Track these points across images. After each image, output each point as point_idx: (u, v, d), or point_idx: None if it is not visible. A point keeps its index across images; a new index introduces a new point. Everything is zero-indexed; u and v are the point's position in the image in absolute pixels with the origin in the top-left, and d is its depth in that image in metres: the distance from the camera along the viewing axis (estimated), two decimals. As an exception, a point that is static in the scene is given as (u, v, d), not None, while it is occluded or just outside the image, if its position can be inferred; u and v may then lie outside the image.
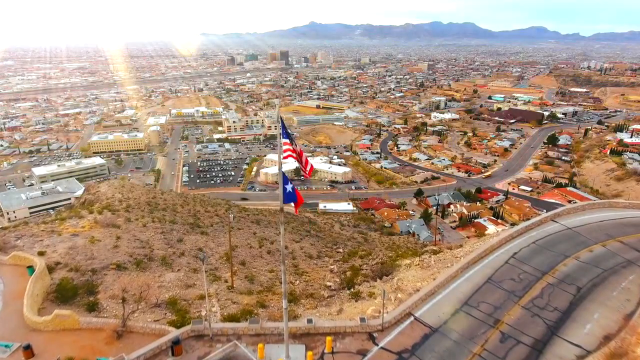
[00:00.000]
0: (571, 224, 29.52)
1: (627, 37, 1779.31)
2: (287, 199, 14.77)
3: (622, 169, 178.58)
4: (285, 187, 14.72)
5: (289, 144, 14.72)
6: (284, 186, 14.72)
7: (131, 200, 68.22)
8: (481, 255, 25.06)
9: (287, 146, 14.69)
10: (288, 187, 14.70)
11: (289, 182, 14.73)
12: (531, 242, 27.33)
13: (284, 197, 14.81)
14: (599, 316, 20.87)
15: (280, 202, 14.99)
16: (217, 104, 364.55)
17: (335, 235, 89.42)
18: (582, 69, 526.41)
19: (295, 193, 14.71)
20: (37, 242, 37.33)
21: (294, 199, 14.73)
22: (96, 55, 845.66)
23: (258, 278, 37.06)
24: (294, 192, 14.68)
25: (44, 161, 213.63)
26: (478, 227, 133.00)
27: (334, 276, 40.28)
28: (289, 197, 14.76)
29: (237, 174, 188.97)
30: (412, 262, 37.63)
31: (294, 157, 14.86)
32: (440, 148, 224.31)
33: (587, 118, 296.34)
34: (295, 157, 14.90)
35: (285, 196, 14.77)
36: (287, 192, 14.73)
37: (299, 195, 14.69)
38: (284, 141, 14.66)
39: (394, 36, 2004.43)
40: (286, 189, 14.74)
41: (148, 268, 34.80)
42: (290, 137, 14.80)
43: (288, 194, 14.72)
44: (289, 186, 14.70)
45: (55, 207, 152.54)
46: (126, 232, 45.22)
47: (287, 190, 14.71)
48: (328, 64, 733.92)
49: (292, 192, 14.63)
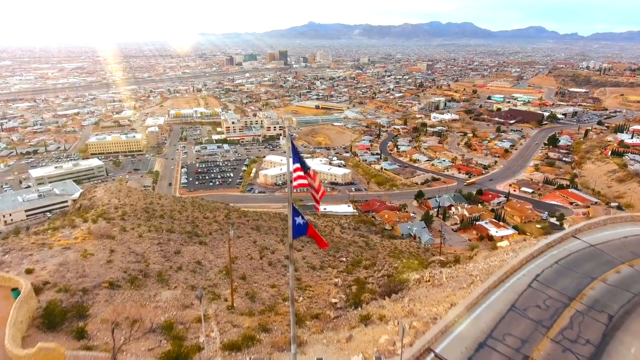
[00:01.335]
0: (594, 241, 27.78)
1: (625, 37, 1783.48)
2: (297, 232, 12.84)
3: (623, 171, 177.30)
4: (294, 219, 12.76)
5: (301, 170, 12.80)
6: (293, 218, 12.76)
7: (127, 207, 66.23)
8: (502, 278, 23.28)
9: (299, 172, 12.75)
10: (298, 219, 12.74)
11: (299, 215, 12.78)
12: (553, 262, 25.54)
13: (293, 230, 12.85)
14: (636, 351, 19.08)
15: (289, 237, 13.04)
16: (216, 105, 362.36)
17: (337, 239, 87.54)
18: (581, 69, 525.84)
19: (308, 227, 12.72)
20: (26, 257, 35.35)
21: (303, 231, 12.77)
22: (94, 56, 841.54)
23: (259, 295, 35.19)
24: (306, 226, 12.71)
25: (41, 162, 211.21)
26: (480, 229, 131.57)
27: (339, 291, 38.44)
28: (298, 230, 12.82)
29: (236, 176, 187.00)
30: (421, 276, 35.77)
31: (304, 185, 12.95)
32: (440, 149, 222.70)
33: (587, 118, 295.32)
34: (306, 185, 12.99)
35: (294, 229, 12.82)
36: (297, 224, 12.78)
37: (312, 229, 12.69)
38: (295, 166, 12.73)
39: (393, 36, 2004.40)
40: (296, 221, 12.78)
41: (143, 285, 32.88)
42: (302, 161, 12.87)
43: (298, 226, 12.76)
44: (300, 219, 12.73)
45: (52, 210, 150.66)
46: (121, 243, 43.25)
47: (297, 222, 12.75)
48: (327, 64, 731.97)
49: (303, 226, 12.66)
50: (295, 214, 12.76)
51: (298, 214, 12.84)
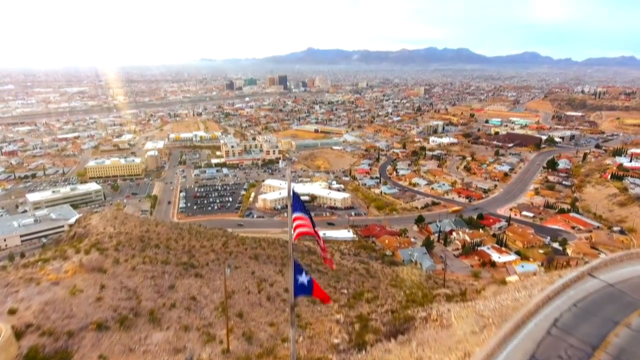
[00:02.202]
0: (612, 279, 26.31)
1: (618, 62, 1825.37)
2: (301, 292, 11.42)
3: (624, 194, 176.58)
4: (297, 277, 11.33)
5: (302, 219, 11.52)
6: (296, 277, 11.32)
7: (122, 236, 64.44)
8: (518, 324, 21.66)
9: (300, 221, 11.47)
10: (302, 278, 11.31)
11: (303, 272, 11.37)
12: (571, 304, 23.98)
13: (296, 290, 11.41)
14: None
15: (290, 297, 11.59)
16: (216, 128, 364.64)
17: (337, 267, 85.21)
18: (576, 93, 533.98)
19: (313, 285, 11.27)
20: (11, 295, 33.50)
21: (307, 292, 11.33)
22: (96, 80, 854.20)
23: (257, 335, 33.18)
24: (310, 285, 11.26)
25: (39, 187, 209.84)
26: (482, 255, 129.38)
27: (341, 329, 36.37)
28: (301, 289, 11.39)
29: (235, 200, 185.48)
30: (428, 314, 33.91)
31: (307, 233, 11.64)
32: (439, 173, 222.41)
33: (585, 142, 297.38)
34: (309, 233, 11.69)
35: (297, 289, 11.38)
36: (300, 283, 11.35)
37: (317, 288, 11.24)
38: (296, 215, 11.46)
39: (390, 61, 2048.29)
40: (298, 280, 11.34)
41: (133, 326, 30.95)
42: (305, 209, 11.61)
43: (301, 286, 11.32)
44: (304, 277, 11.30)
45: (48, 235, 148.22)
46: (113, 277, 41.40)
47: (300, 282, 11.32)
48: (326, 88, 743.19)
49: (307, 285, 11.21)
50: (299, 271, 11.36)
51: (301, 271, 11.44)
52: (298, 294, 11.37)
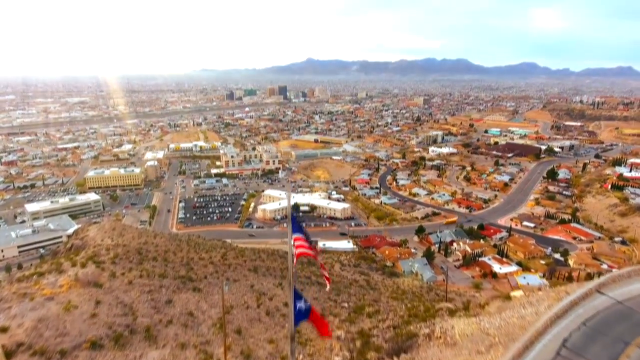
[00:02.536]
0: (620, 297, 25.61)
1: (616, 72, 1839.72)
2: (299, 318, 10.82)
3: (625, 204, 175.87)
4: (296, 303, 10.75)
5: (302, 239, 11.00)
6: (294, 303, 10.75)
7: (120, 248, 63.54)
8: (526, 344, 20.94)
9: (300, 242, 10.96)
10: (300, 304, 10.74)
11: (302, 299, 10.80)
12: (580, 322, 23.26)
13: (295, 317, 10.82)
14: None
15: (290, 326, 10.98)
16: (216, 138, 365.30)
17: (337, 278, 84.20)
18: (574, 103, 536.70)
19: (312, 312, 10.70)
20: (4, 311, 32.60)
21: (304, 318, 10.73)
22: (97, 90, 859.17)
23: (256, 353, 32.29)
24: (308, 311, 10.69)
25: (38, 197, 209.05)
26: (483, 266, 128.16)
27: (342, 346, 35.48)
28: (300, 316, 10.81)
29: (235, 210, 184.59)
30: (431, 331, 33.06)
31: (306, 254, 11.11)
32: (439, 183, 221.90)
33: (584, 152, 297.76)
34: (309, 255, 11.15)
35: (295, 317, 10.79)
36: (298, 309, 10.75)
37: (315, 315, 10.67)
38: (296, 236, 10.95)
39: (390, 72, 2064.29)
40: (297, 305, 10.76)
41: (128, 344, 30.06)
42: (303, 231, 11.08)
43: (298, 312, 10.74)
44: (302, 303, 10.73)
45: (46, 246, 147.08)
46: (109, 292, 40.52)
47: (298, 307, 10.73)
48: (325, 98, 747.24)
49: (305, 312, 10.63)
50: (298, 297, 10.78)
51: (301, 297, 10.85)
52: (298, 321, 10.79)
